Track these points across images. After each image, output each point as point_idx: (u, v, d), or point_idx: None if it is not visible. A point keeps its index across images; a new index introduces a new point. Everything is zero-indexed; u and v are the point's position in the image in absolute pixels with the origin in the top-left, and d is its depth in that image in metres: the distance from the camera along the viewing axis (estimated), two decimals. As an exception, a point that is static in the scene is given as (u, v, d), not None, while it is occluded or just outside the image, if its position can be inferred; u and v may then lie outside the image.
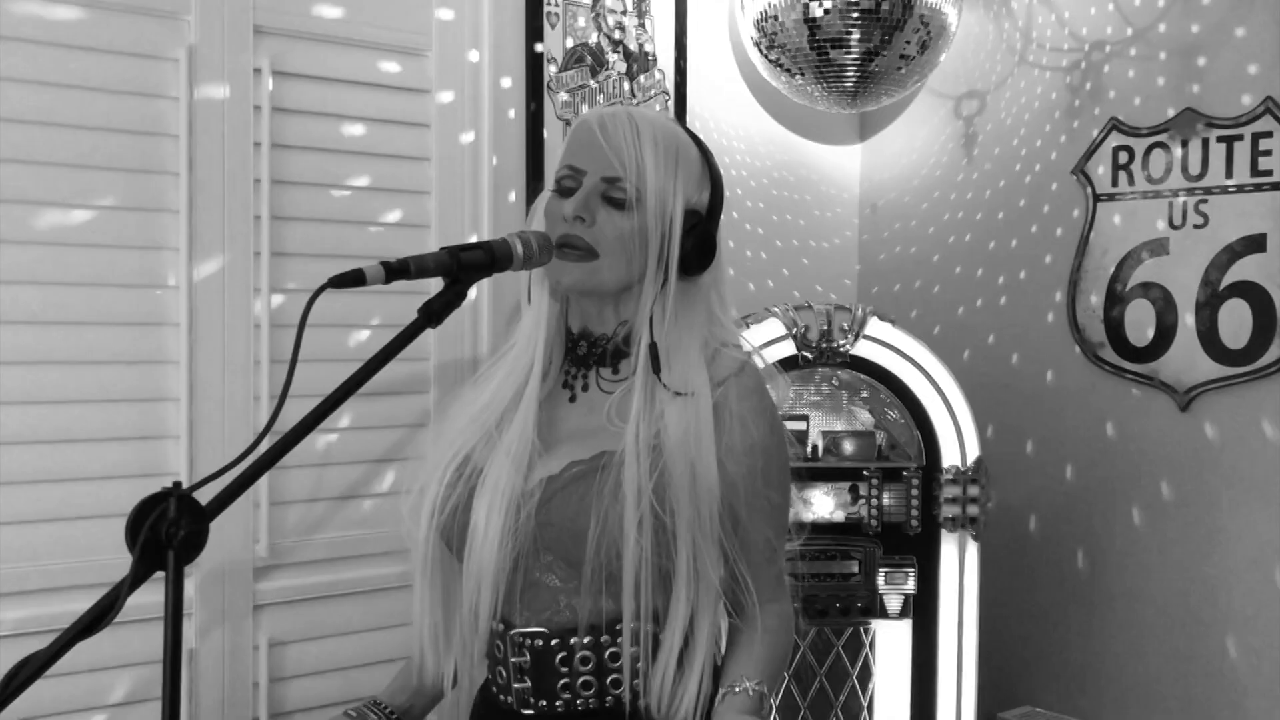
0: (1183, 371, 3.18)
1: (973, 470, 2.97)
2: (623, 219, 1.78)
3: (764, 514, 1.81)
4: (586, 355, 1.88)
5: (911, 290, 3.89)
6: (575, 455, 1.79)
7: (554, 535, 1.75)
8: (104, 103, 2.47)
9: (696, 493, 1.72)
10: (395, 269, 1.65)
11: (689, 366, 1.78)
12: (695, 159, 1.85)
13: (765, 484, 1.80)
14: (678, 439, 1.72)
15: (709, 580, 1.74)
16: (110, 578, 1.49)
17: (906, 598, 2.99)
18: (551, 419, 1.87)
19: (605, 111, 1.85)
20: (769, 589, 1.85)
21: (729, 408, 1.76)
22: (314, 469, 2.75)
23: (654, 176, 1.78)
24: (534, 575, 1.79)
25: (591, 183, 1.80)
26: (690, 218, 1.81)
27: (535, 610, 1.79)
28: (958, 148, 3.75)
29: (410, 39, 2.88)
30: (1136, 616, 3.31)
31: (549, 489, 1.77)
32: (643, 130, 1.80)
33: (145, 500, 1.42)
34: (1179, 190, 3.18)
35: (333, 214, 2.77)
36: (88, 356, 2.47)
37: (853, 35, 3.34)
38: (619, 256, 1.78)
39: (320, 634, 2.78)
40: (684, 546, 1.72)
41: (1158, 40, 3.25)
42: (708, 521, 1.72)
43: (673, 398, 1.75)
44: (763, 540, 1.82)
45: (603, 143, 1.80)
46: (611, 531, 1.70)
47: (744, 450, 1.77)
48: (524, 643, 1.80)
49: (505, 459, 1.80)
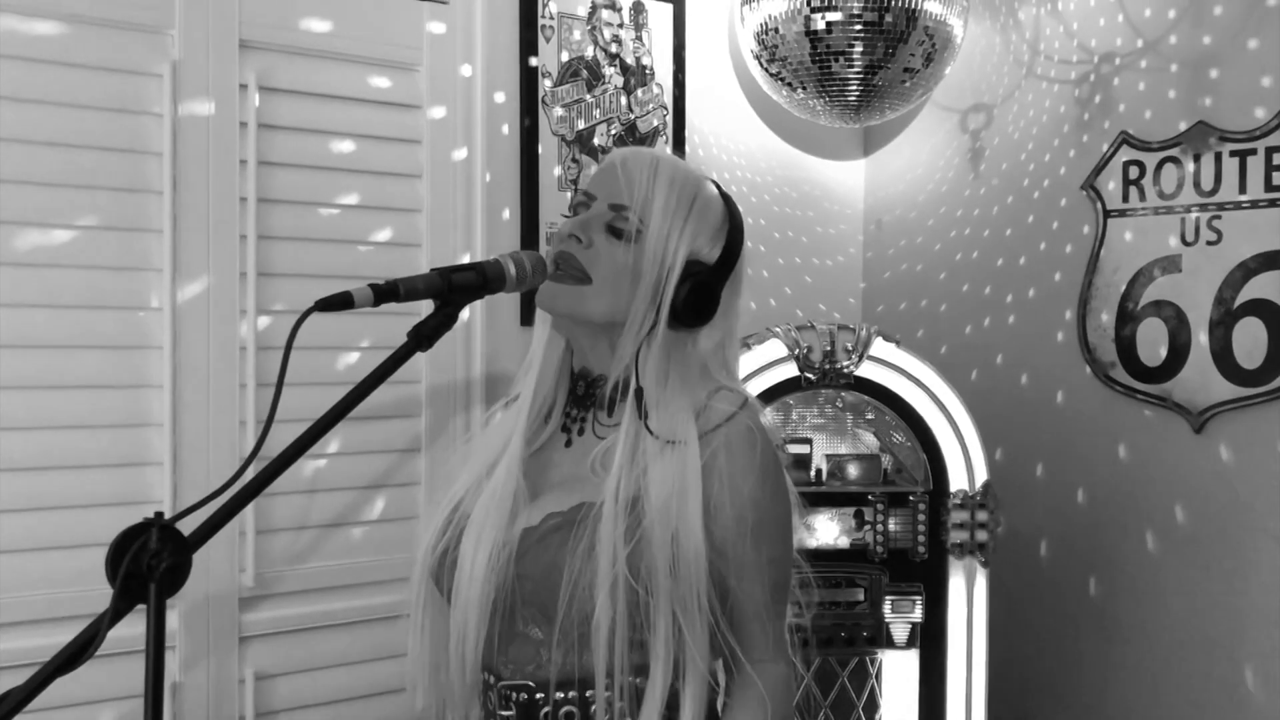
0: (1197, 392, 3.18)
1: (981, 495, 2.97)
2: (620, 250, 1.77)
3: (757, 576, 1.76)
4: (585, 396, 1.87)
5: (917, 309, 3.89)
6: (556, 506, 1.77)
7: (530, 589, 1.74)
8: (86, 120, 2.47)
9: (679, 563, 1.67)
10: (384, 291, 1.65)
11: (675, 415, 1.74)
12: (715, 212, 1.84)
13: (758, 544, 1.74)
14: (660, 501, 1.68)
15: (693, 653, 1.68)
16: (91, 610, 1.48)
17: (913, 626, 2.99)
18: (546, 464, 1.86)
19: (635, 149, 1.87)
20: (764, 650, 1.79)
21: (717, 467, 1.72)
22: (302, 496, 2.75)
23: (660, 214, 1.77)
24: (517, 627, 1.78)
25: (599, 208, 1.80)
26: (692, 267, 1.79)
27: (520, 663, 1.78)
28: (964, 162, 3.75)
29: (401, 53, 2.88)
30: (1151, 646, 3.30)
31: (525, 541, 1.76)
32: (661, 170, 1.80)
33: (126, 531, 1.41)
34: (1191, 206, 3.18)
35: (321, 233, 2.78)
36: (68, 381, 2.47)
37: (856, 48, 3.34)
38: (609, 286, 1.77)
39: (309, 666, 2.77)
40: (662, 618, 1.67)
41: (1169, 52, 3.26)
42: (691, 595, 1.67)
43: (660, 450, 1.72)
44: (756, 603, 1.77)
45: (620, 174, 1.80)
46: (583, 594, 1.67)
47: (734, 513, 1.71)
48: (510, 696, 1.79)
49: (489, 505, 1.80)
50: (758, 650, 1.78)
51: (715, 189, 1.88)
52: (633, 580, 1.66)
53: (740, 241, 1.87)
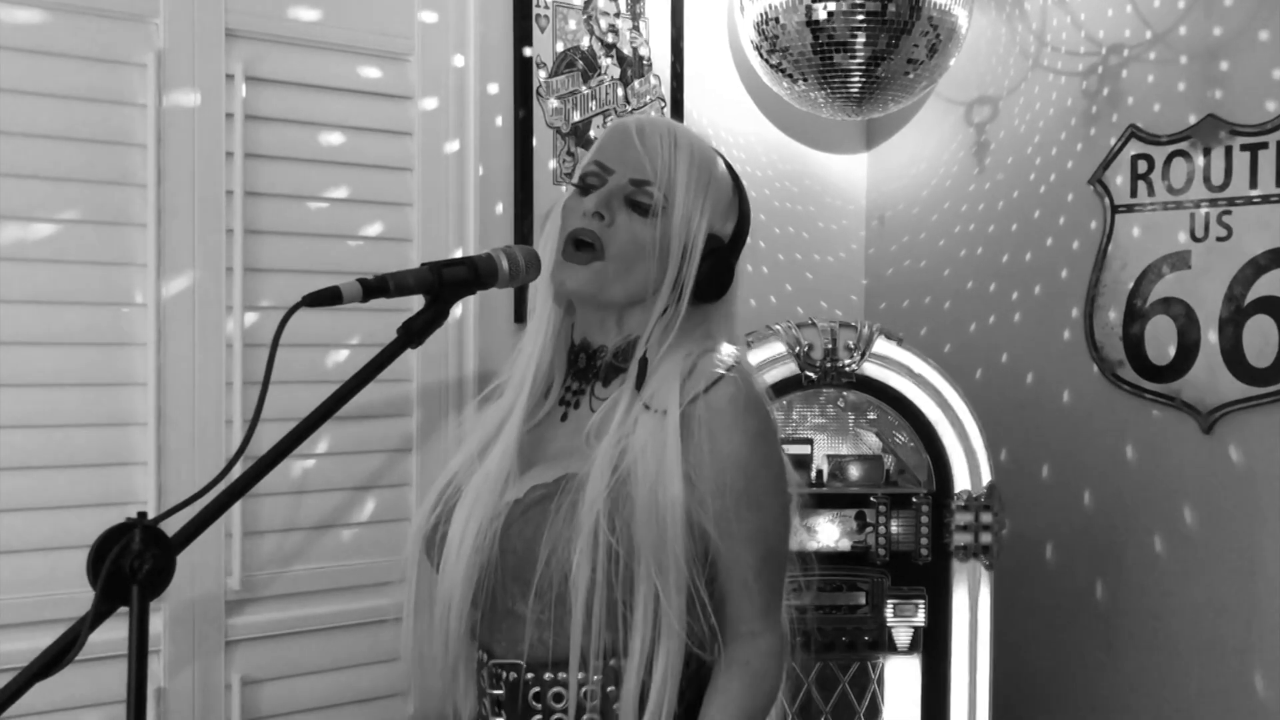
0: (1206, 391, 3.18)
1: (986, 496, 2.97)
2: (643, 226, 1.77)
3: (743, 539, 1.74)
4: (585, 369, 1.87)
5: (921, 306, 3.89)
6: (542, 478, 1.77)
7: (514, 563, 1.74)
8: (67, 111, 2.46)
9: (658, 515, 1.66)
10: (373, 286, 1.65)
11: (663, 381, 1.75)
12: (726, 187, 1.85)
13: (742, 504, 1.72)
14: (638, 453, 1.69)
15: (668, 614, 1.68)
16: (71, 614, 1.48)
17: (916, 631, 2.99)
18: (542, 439, 1.86)
19: (644, 117, 1.86)
20: (752, 621, 1.78)
21: (696, 419, 1.70)
22: (289, 497, 2.74)
23: (684, 190, 1.78)
24: (505, 604, 1.78)
25: (618, 183, 1.79)
26: (711, 242, 1.80)
27: (510, 641, 1.78)
28: (969, 156, 3.75)
29: (392, 43, 2.88)
30: (1159, 651, 3.30)
31: (511, 514, 1.76)
32: (680, 142, 1.80)
33: (108, 531, 1.41)
34: (1201, 201, 3.18)
35: (309, 227, 2.77)
36: (49, 378, 2.46)
37: (858, 38, 3.34)
38: (629, 264, 1.77)
39: (296, 671, 2.77)
40: (642, 578, 1.67)
41: (1178, 43, 3.26)
42: (667, 553, 1.66)
43: (646, 415, 1.72)
44: (744, 571, 1.75)
45: (638, 144, 1.79)
46: (562, 557, 1.67)
47: (714, 466, 1.70)
48: (500, 675, 1.79)
49: (482, 480, 1.80)
50: (746, 621, 1.77)
51: (720, 157, 1.89)
52: (610, 536, 1.65)
53: (748, 215, 1.90)
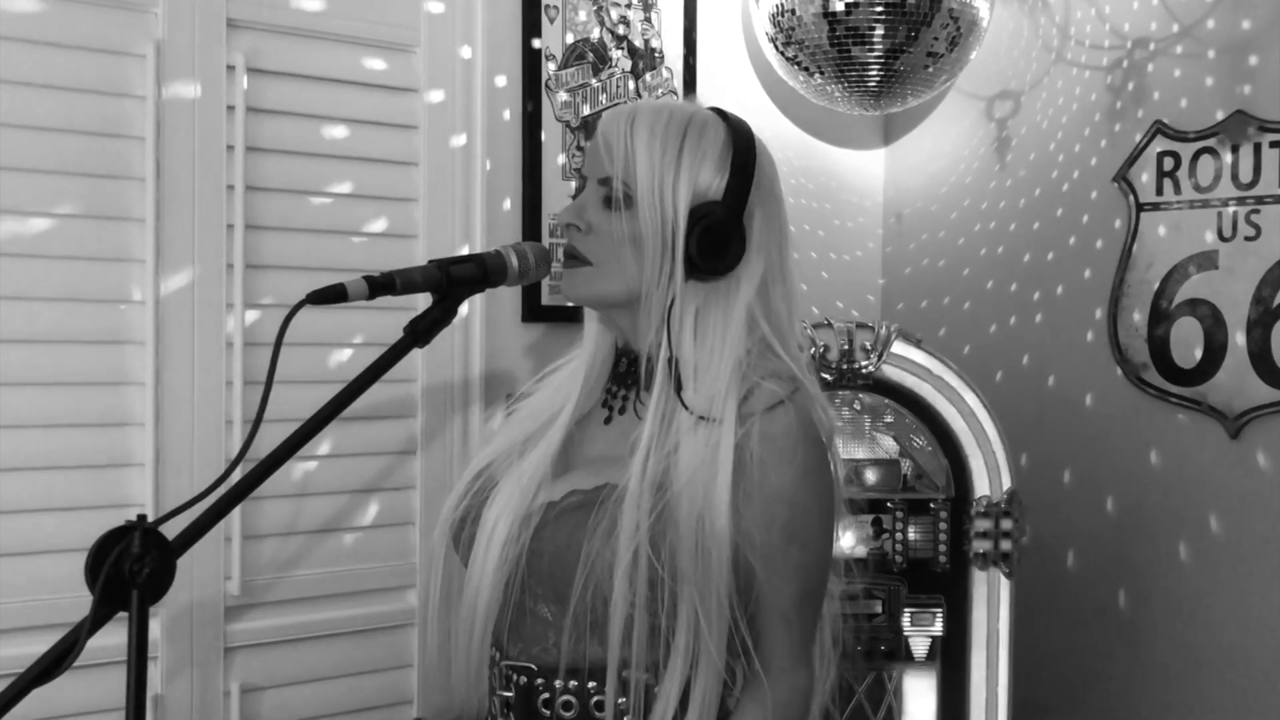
0: (1233, 395, 3.18)
1: (1006, 502, 2.97)
2: (617, 222, 1.75)
3: (786, 575, 1.72)
4: (626, 373, 1.86)
5: (939, 307, 3.88)
6: (581, 483, 1.77)
7: (543, 566, 1.74)
8: (64, 102, 2.47)
9: (703, 545, 1.65)
10: (379, 284, 1.66)
11: (716, 386, 1.70)
12: (712, 141, 1.77)
13: (788, 539, 1.71)
14: (687, 479, 1.66)
15: (708, 646, 1.66)
16: (69, 618, 1.48)
17: (934, 640, 2.98)
18: (583, 439, 1.87)
19: (611, 110, 1.83)
20: (784, 657, 1.76)
21: (750, 449, 1.68)
22: (291, 500, 2.75)
23: (646, 170, 1.73)
24: (526, 604, 1.78)
25: (590, 188, 1.79)
26: (700, 210, 1.73)
27: (526, 642, 1.79)
28: (990, 153, 3.75)
29: (397, 34, 2.88)
30: (1184, 662, 3.29)
31: (545, 516, 1.76)
32: (639, 122, 1.75)
33: (107, 534, 1.42)
34: (1229, 199, 3.18)
35: (312, 223, 2.77)
36: (45, 377, 2.47)
37: (876, 31, 3.34)
38: (614, 262, 1.76)
39: (297, 679, 2.77)
40: (685, 604, 1.65)
41: (1206, 37, 3.25)
42: (710, 585, 1.65)
43: (693, 425, 1.69)
44: (782, 605, 1.74)
45: (600, 142, 1.78)
46: (600, 575, 1.66)
47: (762, 499, 1.68)
48: (512, 677, 1.79)
49: (520, 476, 1.81)
50: (779, 656, 1.76)
51: (713, 114, 1.82)
52: (655, 560, 1.64)
53: (750, 161, 1.78)
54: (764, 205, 1.81)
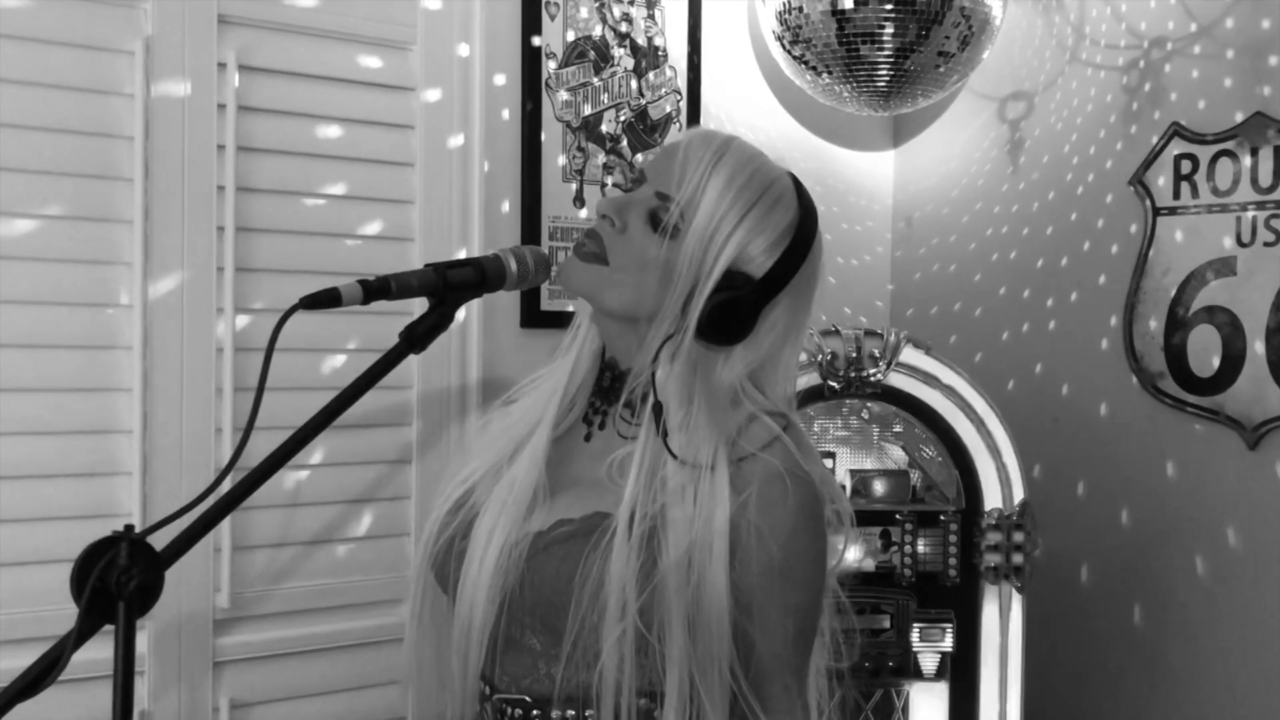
0: (1252, 405, 3.17)
1: (1018, 515, 2.96)
2: (652, 244, 1.72)
3: (776, 628, 1.73)
4: (610, 389, 1.85)
5: (950, 313, 3.88)
6: (568, 511, 1.76)
7: (532, 598, 1.73)
8: (50, 100, 2.47)
9: (698, 625, 1.65)
10: (375, 288, 1.66)
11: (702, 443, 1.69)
12: (780, 219, 1.76)
13: (783, 600, 1.71)
14: (681, 550, 1.65)
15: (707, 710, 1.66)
16: (53, 632, 1.48)
17: (943, 657, 2.98)
18: (564, 457, 1.85)
19: (707, 131, 1.80)
20: (778, 699, 1.75)
21: (746, 519, 1.67)
22: (282, 510, 2.75)
23: (707, 214, 1.70)
24: (514, 634, 1.77)
25: (645, 193, 1.76)
26: (730, 280, 1.71)
27: (515, 675, 1.77)
28: (1002, 155, 3.75)
29: (393, 31, 2.88)
30: (1201, 681, 3.29)
31: (534, 546, 1.74)
32: (724, 163, 1.73)
33: (93, 545, 1.42)
34: (1248, 204, 3.18)
35: (305, 225, 2.78)
36: (29, 383, 2.46)
37: (886, 29, 3.34)
38: (630, 277, 1.74)
39: (288, 694, 2.77)
40: (676, 671, 1.65)
41: (1225, 37, 3.25)
42: (710, 658, 1.65)
43: (681, 477, 1.68)
44: (775, 650, 1.73)
45: (679, 157, 1.75)
46: (591, 627, 1.65)
47: (760, 569, 1.68)
48: (505, 710, 1.78)
49: (507, 497, 1.79)
50: (775, 700, 1.75)
51: (792, 189, 1.81)
52: (646, 633, 1.64)
53: (801, 256, 1.77)
54: (795, 295, 1.79)
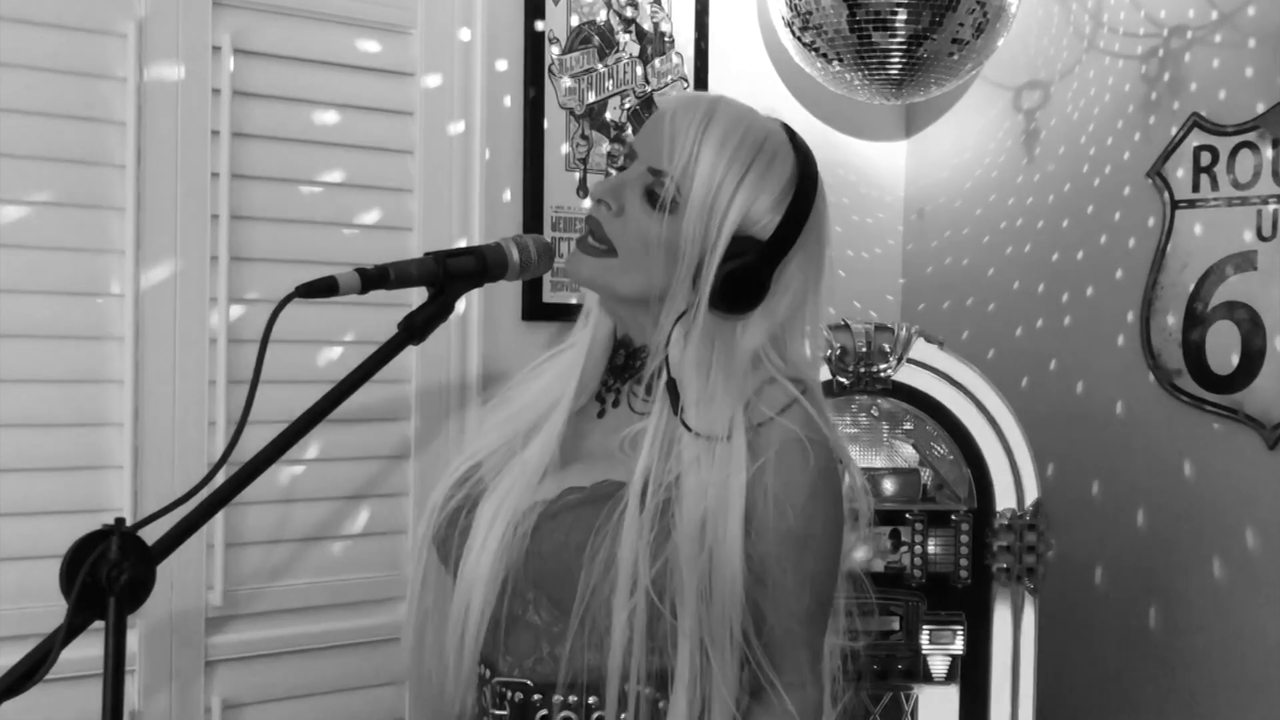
0: (1272, 404, 3.17)
1: (1031, 515, 2.96)
2: (653, 222, 1.71)
3: (792, 599, 1.74)
4: (624, 366, 1.86)
5: (962, 308, 3.88)
6: (578, 480, 1.76)
7: (540, 569, 1.73)
8: (39, 83, 2.47)
9: (713, 592, 1.65)
10: (373, 277, 1.66)
11: (719, 414, 1.69)
12: (779, 175, 1.74)
13: (800, 557, 1.71)
14: (695, 516, 1.65)
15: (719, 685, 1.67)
16: (41, 629, 1.48)
17: (954, 659, 2.98)
18: (577, 432, 1.86)
19: (689, 95, 1.81)
20: (794, 672, 1.76)
21: (764, 484, 1.67)
22: (277, 506, 2.75)
23: (703, 184, 1.69)
24: (517, 610, 1.77)
25: (637, 171, 1.76)
26: (738, 245, 1.70)
27: (518, 655, 1.77)
28: (1017, 145, 3.75)
29: (392, 14, 2.88)
30: (1218, 685, 3.29)
31: (543, 514, 1.74)
32: (713, 126, 1.71)
33: (83, 539, 1.41)
34: (1269, 197, 3.17)
35: (301, 213, 2.78)
36: (17, 374, 2.46)
37: (899, 16, 3.34)
38: (637, 260, 1.73)
39: (282, 695, 2.77)
40: (688, 643, 1.66)
41: (1246, 26, 3.25)
42: (723, 625, 1.66)
43: (697, 448, 1.68)
44: (791, 621, 1.75)
45: (667, 128, 1.73)
46: (600, 600, 1.66)
47: (776, 537, 1.69)
48: (505, 694, 1.78)
49: (517, 474, 1.79)
50: (789, 673, 1.76)
51: (786, 141, 1.78)
52: (658, 602, 1.64)
53: (806, 209, 1.75)
54: (806, 249, 1.77)
